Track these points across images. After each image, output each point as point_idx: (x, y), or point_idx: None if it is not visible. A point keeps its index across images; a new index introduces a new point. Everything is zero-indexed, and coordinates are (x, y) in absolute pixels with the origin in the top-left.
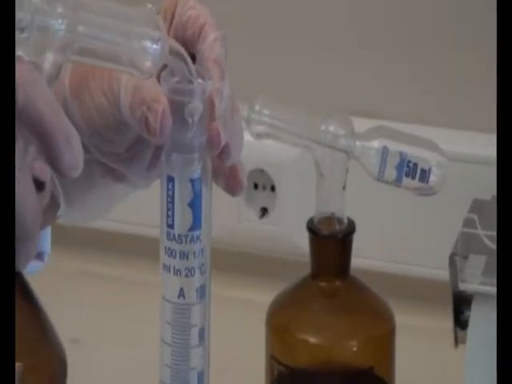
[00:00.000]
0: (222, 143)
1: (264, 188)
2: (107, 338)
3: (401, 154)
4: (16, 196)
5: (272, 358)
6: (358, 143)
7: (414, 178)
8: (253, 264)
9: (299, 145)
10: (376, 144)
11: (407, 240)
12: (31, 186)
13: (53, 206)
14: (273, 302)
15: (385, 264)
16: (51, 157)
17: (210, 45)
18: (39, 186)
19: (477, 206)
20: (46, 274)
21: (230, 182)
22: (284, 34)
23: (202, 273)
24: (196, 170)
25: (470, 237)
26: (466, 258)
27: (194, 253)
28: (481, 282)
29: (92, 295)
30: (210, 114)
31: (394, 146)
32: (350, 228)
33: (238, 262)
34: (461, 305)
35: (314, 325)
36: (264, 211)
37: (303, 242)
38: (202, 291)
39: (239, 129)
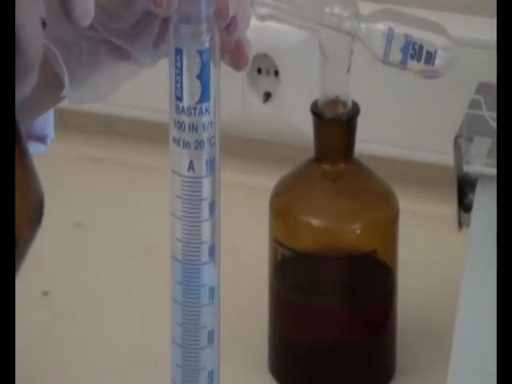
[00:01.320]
0: (230, 14)
1: (267, 73)
2: (110, 222)
3: (406, 36)
4: (23, 28)
5: (275, 242)
6: (362, 25)
7: (419, 60)
8: (256, 149)
9: (303, 27)
10: (381, 26)
11: (412, 124)
12: (37, 17)
13: (57, 85)
14: (276, 185)
15: (389, 149)
16: (65, 6)
17: None
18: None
19: (482, 88)
20: (49, 159)
21: (236, 56)
22: None
23: (211, 145)
24: (204, 42)
25: (476, 119)
26: (470, 140)
27: (203, 125)
28: (485, 163)
29: (95, 180)
30: None
31: (400, 28)
32: (355, 111)
33: (241, 147)
34: (465, 187)
35: (318, 208)
36: (267, 96)
37: (307, 126)
38: (211, 164)
39: (246, 5)
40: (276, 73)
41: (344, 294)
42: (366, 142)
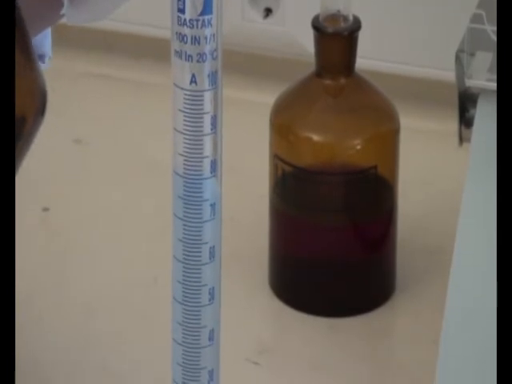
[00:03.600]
0: None
1: None
2: (111, 138)
3: None
4: None
5: (276, 157)
6: None
7: None
8: (256, 65)
9: None
10: None
11: (413, 39)
12: None
13: (56, 4)
14: (276, 100)
15: (390, 65)
16: None
17: None
18: None
19: (484, 2)
20: (50, 75)
21: None
22: None
23: (213, 58)
24: None
25: (477, 33)
26: (472, 54)
27: (206, 38)
28: (487, 78)
29: (96, 96)
30: None
31: None
32: (356, 25)
33: (241, 63)
34: (466, 103)
35: (318, 123)
36: (268, 12)
37: (308, 41)
38: (213, 78)
39: None
40: None
41: (344, 209)
42: (367, 58)
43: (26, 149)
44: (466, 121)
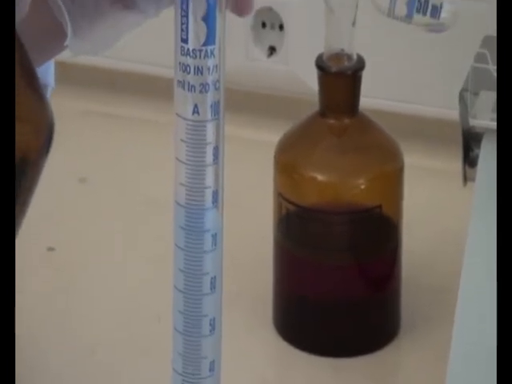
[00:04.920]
0: None
1: (272, 27)
2: (115, 177)
3: None
4: None
5: (280, 196)
6: None
7: (424, 13)
8: (260, 103)
9: None
10: None
11: (417, 78)
12: None
13: (59, 35)
14: (281, 139)
15: (394, 103)
16: None
17: None
18: None
19: (488, 42)
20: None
21: (239, 1)
22: None
23: (216, 89)
24: None
25: (481, 72)
26: (476, 94)
27: (209, 68)
28: (491, 118)
29: (99, 135)
30: None
31: None
32: (360, 64)
33: (245, 102)
34: (470, 142)
35: (322, 162)
36: (272, 50)
37: (312, 80)
38: (216, 108)
39: None
40: (281, 27)
41: (348, 248)
42: (370, 97)
43: (32, 188)
44: (470, 160)
